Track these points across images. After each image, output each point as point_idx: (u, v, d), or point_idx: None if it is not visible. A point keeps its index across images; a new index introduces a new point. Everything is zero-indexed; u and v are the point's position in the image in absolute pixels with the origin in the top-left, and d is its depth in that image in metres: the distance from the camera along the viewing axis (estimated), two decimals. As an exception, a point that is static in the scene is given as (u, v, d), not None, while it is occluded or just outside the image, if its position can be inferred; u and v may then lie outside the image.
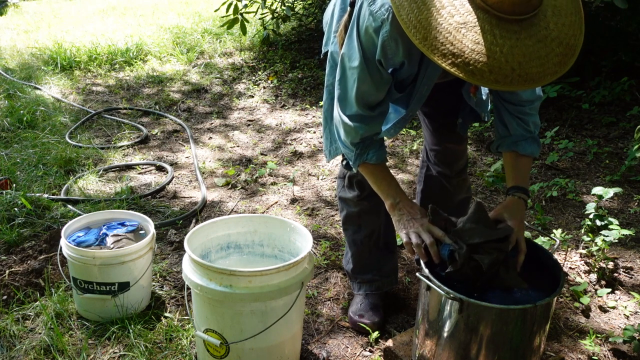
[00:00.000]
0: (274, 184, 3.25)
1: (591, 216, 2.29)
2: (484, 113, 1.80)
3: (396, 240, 2.16)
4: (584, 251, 2.40)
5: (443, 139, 2.01)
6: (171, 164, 3.51)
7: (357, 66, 1.49)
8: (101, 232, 2.08)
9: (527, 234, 1.88)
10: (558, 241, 1.68)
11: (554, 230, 2.43)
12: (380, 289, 2.06)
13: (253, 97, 4.89)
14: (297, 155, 3.64)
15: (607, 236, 2.19)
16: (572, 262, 2.36)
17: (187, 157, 3.67)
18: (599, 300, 2.14)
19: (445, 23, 1.17)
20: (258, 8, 5.41)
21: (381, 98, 1.59)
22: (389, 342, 1.85)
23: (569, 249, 2.43)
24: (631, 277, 2.28)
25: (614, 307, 2.11)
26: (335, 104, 1.63)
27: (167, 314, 2.08)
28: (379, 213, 1.96)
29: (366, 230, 2.00)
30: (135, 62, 5.72)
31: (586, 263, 2.34)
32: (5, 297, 2.14)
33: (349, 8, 1.54)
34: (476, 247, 1.50)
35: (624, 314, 2.08)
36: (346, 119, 1.59)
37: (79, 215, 2.52)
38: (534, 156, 1.70)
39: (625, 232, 2.21)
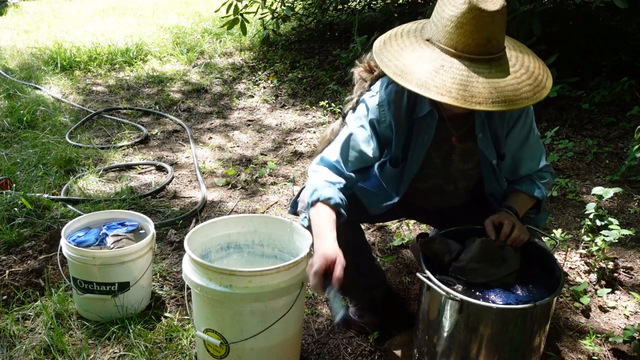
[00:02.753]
0: (274, 184, 3.25)
1: (591, 216, 2.28)
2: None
3: (373, 262, 2.04)
4: (584, 251, 2.40)
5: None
6: (171, 164, 3.51)
7: (359, 118, 1.71)
8: (101, 232, 2.08)
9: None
10: (558, 241, 1.68)
11: (554, 230, 2.43)
12: (373, 300, 2.03)
13: (253, 97, 4.89)
14: (297, 155, 3.64)
15: (607, 236, 2.19)
16: (572, 262, 2.36)
17: (187, 157, 3.67)
18: (599, 300, 2.14)
19: (428, 67, 1.44)
20: (258, 8, 5.42)
21: (364, 159, 1.71)
22: (389, 342, 1.85)
23: (569, 249, 2.43)
24: (631, 277, 2.28)
25: (614, 307, 2.11)
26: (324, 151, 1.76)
27: (167, 314, 2.08)
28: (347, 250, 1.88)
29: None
30: (135, 62, 5.72)
31: (586, 263, 2.34)
32: (5, 297, 2.14)
33: (341, 119, 1.79)
34: (479, 285, 1.54)
35: (624, 314, 2.08)
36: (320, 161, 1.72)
37: (79, 215, 2.52)
38: (531, 194, 1.74)
39: (625, 232, 2.21)
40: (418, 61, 1.45)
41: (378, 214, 1.83)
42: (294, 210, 1.90)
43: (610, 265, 2.30)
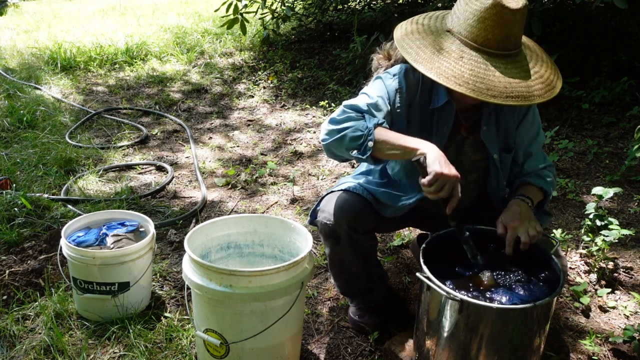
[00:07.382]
0: (274, 184, 3.25)
1: (591, 216, 2.29)
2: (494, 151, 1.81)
3: (380, 268, 2.03)
4: (584, 251, 2.40)
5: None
6: (171, 164, 3.51)
7: (375, 90, 1.73)
8: (101, 232, 2.08)
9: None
10: (558, 241, 1.68)
11: (554, 230, 2.43)
12: (373, 301, 2.01)
13: (253, 97, 4.89)
14: (297, 155, 3.64)
15: (607, 236, 2.19)
16: (572, 262, 2.36)
17: (187, 157, 3.67)
18: (599, 300, 2.14)
19: (448, 57, 1.50)
20: (258, 8, 5.42)
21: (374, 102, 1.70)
22: (389, 342, 1.85)
23: (569, 249, 2.43)
24: (631, 277, 2.28)
25: (614, 307, 2.11)
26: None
27: (167, 314, 2.08)
28: (356, 258, 1.85)
29: (347, 274, 1.92)
30: (136, 62, 5.72)
31: (586, 263, 2.33)
32: (5, 297, 2.14)
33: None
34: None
35: (624, 314, 2.08)
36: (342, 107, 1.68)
37: (79, 215, 2.52)
38: (539, 187, 1.75)
39: (625, 232, 2.21)
40: (439, 51, 1.50)
41: (392, 218, 1.81)
42: (312, 219, 1.89)
43: (610, 265, 2.30)
